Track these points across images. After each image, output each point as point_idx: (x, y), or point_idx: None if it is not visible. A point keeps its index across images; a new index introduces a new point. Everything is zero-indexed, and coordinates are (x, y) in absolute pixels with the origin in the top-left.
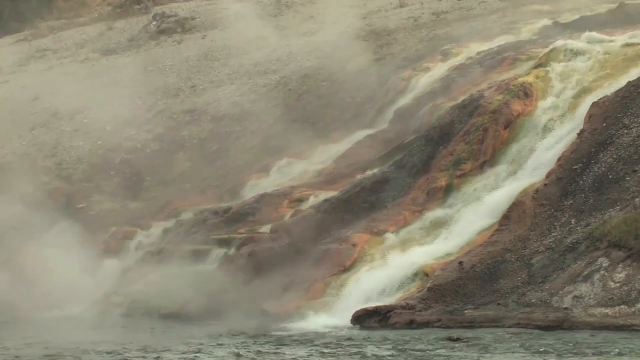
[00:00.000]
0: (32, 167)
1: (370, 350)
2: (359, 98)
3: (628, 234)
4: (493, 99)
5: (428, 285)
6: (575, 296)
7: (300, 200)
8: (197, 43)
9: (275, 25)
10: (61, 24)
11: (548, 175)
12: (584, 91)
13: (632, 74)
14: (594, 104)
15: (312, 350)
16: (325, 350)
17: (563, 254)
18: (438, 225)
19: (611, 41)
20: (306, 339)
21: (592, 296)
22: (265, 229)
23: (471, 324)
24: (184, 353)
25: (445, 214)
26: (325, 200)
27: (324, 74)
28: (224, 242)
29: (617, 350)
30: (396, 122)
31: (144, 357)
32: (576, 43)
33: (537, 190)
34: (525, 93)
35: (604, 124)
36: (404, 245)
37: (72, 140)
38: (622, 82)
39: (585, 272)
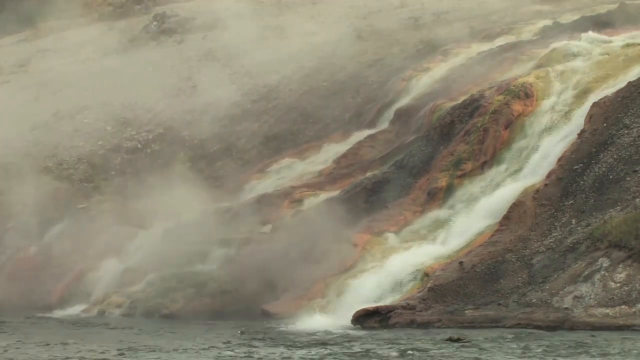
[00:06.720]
0: (33, 167)
1: (370, 350)
2: (360, 98)
3: (629, 234)
4: (494, 99)
5: (428, 285)
6: (575, 296)
7: (301, 200)
8: (198, 43)
9: (276, 25)
10: (62, 24)
11: (548, 176)
12: (584, 91)
13: (632, 74)
14: (595, 104)
15: (312, 350)
16: (326, 350)
17: (563, 254)
18: (438, 226)
19: (611, 41)
20: (307, 339)
21: (592, 296)
22: (266, 229)
23: (472, 324)
24: (184, 353)
25: (445, 214)
26: (326, 201)
27: (324, 74)
28: (224, 242)
29: (617, 350)
30: (397, 123)
31: (143, 357)
32: (577, 43)
33: (537, 191)
34: (526, 93)
35: (605, 124)
36: (405, 245)
37: (73, 140)
38: (622, 82)
39: (586, 273)
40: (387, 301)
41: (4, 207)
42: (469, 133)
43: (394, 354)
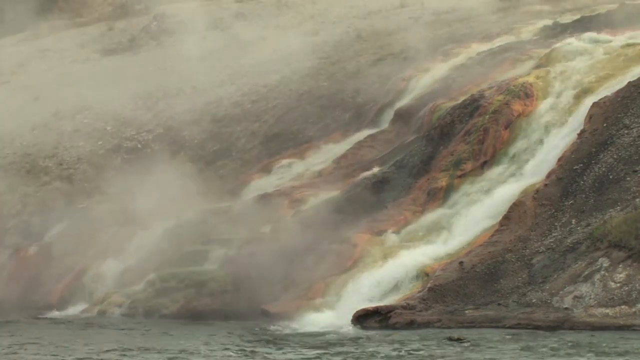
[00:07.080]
0: (33, 167)
1: (370, 350)
2: (360, 98)
3: (628, 234)
4: (494, 99)
5: (429, 285)
6: (575, 296)
7: (301, 200)
8: (198, 43)
9: (276, 25)
10: (62, 24)
11: (548, 176)
12: (584, 91)
13: (632, 74)
14: (595, 104)
15: (312, 350)
16: (326, 351)
17: (563, 254)
18: (438, 226)
19: (611, 41)
20: (307, 339)
21: (592, 296)
22: (266, 229)
23: (472, 324)
24: (184, 353)
25: (445, 214)
26: (326, 201)
27: (324, 74)
28: (224, 243)
29: (617, 350)
30: (397, 123)
31: (143, 357)
32: (577, 43)
33: (537, 191)
34: (526, 93)
35: (605, 124)
36: (405, 245)
37: (73, 140)
38: (622, 82)
39: (586, 273)
40: (387, 301)
41: (4, 207)
42: (469, 133)
43: (394, 353)
